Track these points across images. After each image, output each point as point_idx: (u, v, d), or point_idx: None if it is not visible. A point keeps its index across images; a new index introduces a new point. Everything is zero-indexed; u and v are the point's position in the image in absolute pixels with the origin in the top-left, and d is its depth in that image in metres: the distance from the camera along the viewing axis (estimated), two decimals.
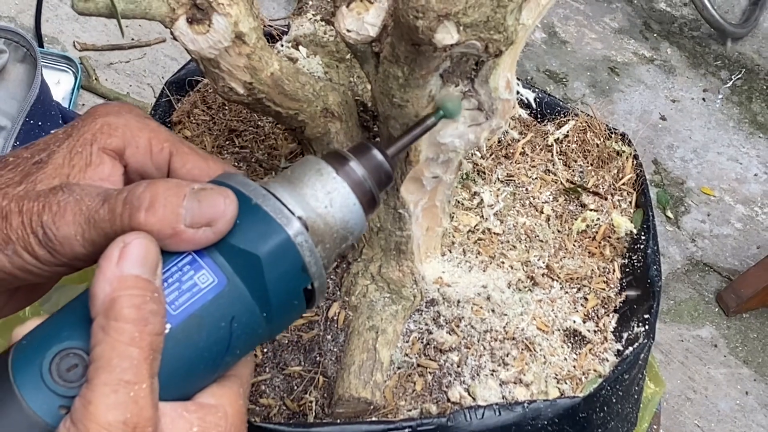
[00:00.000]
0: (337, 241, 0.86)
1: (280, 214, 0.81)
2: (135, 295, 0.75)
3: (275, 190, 0.84)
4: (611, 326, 1.29)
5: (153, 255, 0.77)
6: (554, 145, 1.46)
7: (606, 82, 3.77)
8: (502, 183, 1.40)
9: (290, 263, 0.81)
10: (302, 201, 0.84)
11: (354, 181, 0.86)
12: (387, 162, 0.90)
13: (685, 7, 4.16)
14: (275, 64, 1.04)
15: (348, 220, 0.86)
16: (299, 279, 0.82)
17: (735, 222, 3.39)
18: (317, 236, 0.84)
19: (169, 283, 0.78)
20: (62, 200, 0.82)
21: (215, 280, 0.78)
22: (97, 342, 0.74)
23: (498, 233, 1.35)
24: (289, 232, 0.81)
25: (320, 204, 0.84)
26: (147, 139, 0.92)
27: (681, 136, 3.62)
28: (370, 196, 0.88)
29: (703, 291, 3.19)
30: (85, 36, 3.42)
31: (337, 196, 0.85)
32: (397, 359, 1.21)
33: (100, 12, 0.96)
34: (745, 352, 3.07)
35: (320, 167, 0.86)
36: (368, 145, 0.90)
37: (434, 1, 0.85)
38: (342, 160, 0.87)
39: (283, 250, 0.80)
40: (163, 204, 0.78)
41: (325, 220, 0.84)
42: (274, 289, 0.80)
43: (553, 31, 3.93)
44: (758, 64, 3.98)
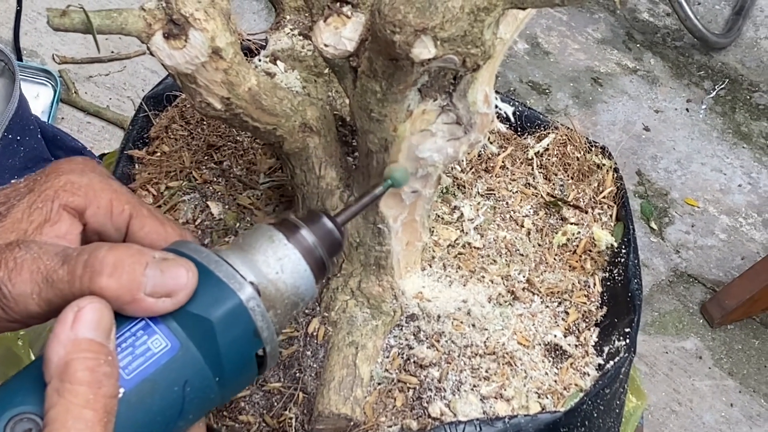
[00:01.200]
0: (288, 306, 0.87)
1: (233, 279, 0.83)
2: (89, 358, 0.75)
3: (227, 256, 0.85)
4: (592, 340, 1.29)
5: (107, 319, 0.77)
6: (534, 158, 1.45)
7: (589, 93, 3.77)
8: (482, 197, 1.40)
9: (243, 328, 0.82)
10: (254, 267, 0.85)
11: (305, 248, 0.89)
12: (337, 230, 0.92)
13: (668, 17, 4.16)
14: (253, 79, 1.04)
15: (299, 285, 0.88)
16: (251, 343, 0.83)
17: (719, 233, 3.39)
18: (269, 302, 0.85)
19: (123, 348, 0.79)
20: (19, 257, 0.81)
21: (168, 345, 0.79)
22: (52, 405, 0.74)
23: (478, 247, 1.34)
24: (242, 296, 0.82)
25: (271, 270, 0.86)
26: (108, 200, 0.93)
27: (665, 146, 3.62)
28: (320, 262, 0.90)
29: (688, 302, 3.19)
30: (65, 49, 3.41)
31: (288, 263, 0.87)
32: (378, 375, 1.21)
33: (75, 28, 0.96)
34: (730, 363, 3.07)
35: (272, 234, 0.88)
36: (319, 213, 0.93)
37: (411, 16, 0.85)
38: (293, 228, 0.90)
39: (236, 315, 0.82)
40: (126, 270, 0.79)
41: (276, 285, 0.86)
42: (227, 353, 0.81)
43: (536, 42, 3.93)
44: (741, 74, 3.99)
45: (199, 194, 1.34)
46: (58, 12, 0.94)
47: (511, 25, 1.00)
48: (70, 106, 3.24)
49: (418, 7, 0.84)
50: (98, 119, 3.26)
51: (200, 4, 0.96)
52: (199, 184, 1.35)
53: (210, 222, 1.31)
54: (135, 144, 1.39)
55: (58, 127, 2.94)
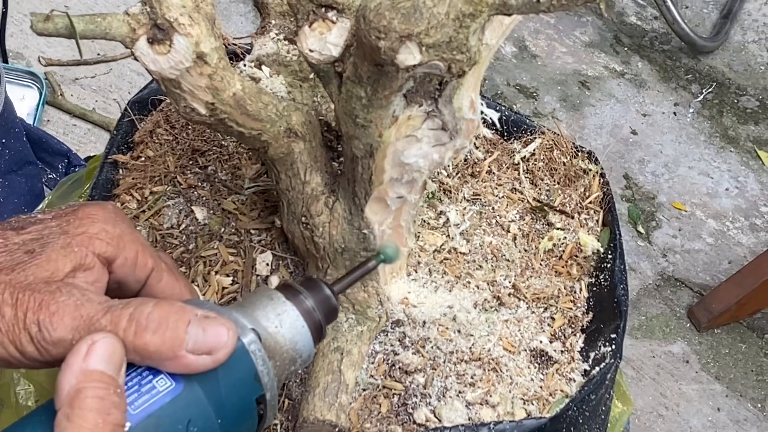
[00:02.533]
0: (287, 361, 0.90)
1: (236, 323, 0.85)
2: (99, 387, 0.76)
3: (227, 310, 0.88)
4: (578, 346, 1.28)
5: (119, 355, 0.79)
6: (521, 163, 1.45)
7: (577, 96, 3.77)
8: (469, 202, 1.39)
9: (245, 371, 0.85)
10: (254, 320, 0.88)
11: (304, 308, 0.92)
12: (334, 297, 0.96)
13: (655, 20, 4.17)
14: (237, 84, 1.04)
15: (297, 341, 0.91)
16: (252, 387, 0.86)
17: (706, 237, 3.40)
18: (269, 351, 0.88)
19: (129, 386, 0.81)
20: (61, 302, 0.82)
21: (172, 384, 0.81)
22: (62, 430, 0.75)
23: (464, 253, 1.34)
24: (244, 339, 0.85)
25: (271, 324, 0.89)
26: (135, 252, 0.95)
27: (652, 150, 3.63)
28: (318, 325, 0.93)
29: (675, 306, 3.19)
30: (51, 51, 3.40)
31: (287, 318, 0.90)
32: (363, 381, 1.20)
33: (59, 33, 0.95)
34: (717, 367, 3.07)
35: (271, 294, 0.92)
36: (317, 281, 0.96)
37: (396, 22, 0.84)
38: (293, 291, 0.93)
39: (238, 357, 0.84)
40: (170, 327, 0.81)
41: (275, 338, 0.89)
42: (229, 394, 0.83)
43: (524, 45, 3.93)
44: (729, 77, 4.00)
45: (183, 199, 1.33)
46: (42, 17, 0.94)
47: (497, 30, 1.00)
48: (55, 109, 3.24)
49: (403, 13, 0.84)
50: (84, 122, 3.26)
51: (184, 9, 0.95)
52: (184, 189, 1.34)
53: (194, 227, 1.31)
54: (119, 149, 1.39)
55: (43, 129, 2.93)
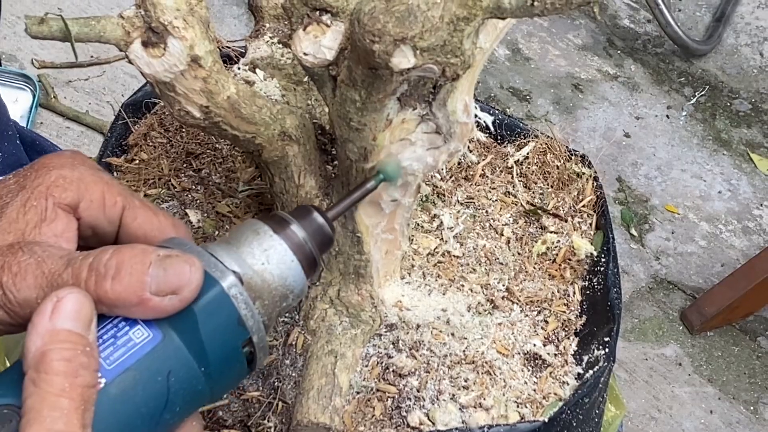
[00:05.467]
0: (277, 298, 0.87)
1: (214, 268, 0.83)
2: (66, 349, 0.75)
3: (212, 249, 0.85)
4: (572, 349, 1.28)
5: (87, 310, 0.77)
6: (514, 167, 1.45)
7: (570, 99, 3.77)
8: (462, 205, 1.40)
9: (225, 316, 0.82)
10: (238, 258, 0.85)
11: (294, 242, 0.88)
12: (328, 224, 0.92)
13: (648, 23, 4.17)
14: (232, 88, 1.04)
15: (286, 277, 0.87)
16: (236, 332, 0.83)
17: (699, 240, 3.40)
18: (254, 292, 0.84)
19: (104, 339, 0.79)
20: (23, 261, 0.81)
21: (150, 335, 0.79)
22: (28, 395, 0.74)
23: (458, 256, 1.34)
24: (223, 284, 0.82)
25: (257, 261, 0.86)
26: (101, 193, 0.92)
27: (645, 153, 3.63)
28: (311, 257, 0.90)
29: (668, 309, 3.19)
30: (44, 53, 3.40)
31: (274, 254, 0.87)
32: (357, 384, 1.20)
33: (54, 36, 0.95)
34: (710, 370, 3.07)
35: (257, 227, 0.88)
36: (309, 208, 0.93)
37: (390, 26, 0.84)
38: (282, 223, 0.89)
39: (218, 303, 0.81)
40: (129, 272, 0.79)
41: (262, 276, 0.86)
42: (211, 342, 0.80)
43: (517, 48, 3.93)
44: (722, 81, 4.00)
45: (177, 202, 1.33)
46: (37, 19, 0.94)
47: (491, 34, 1.00)
48: (49, 111, 3.23)
49: (398, 16, 0.84)
50: (77, 124, 3.25)
51: (179, 12, 0.95)
52: (178, 192, 1.34)
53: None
54: (113, 152, 1.39)
55: (36, 132, 2.93)
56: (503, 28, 1.02)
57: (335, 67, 1.03)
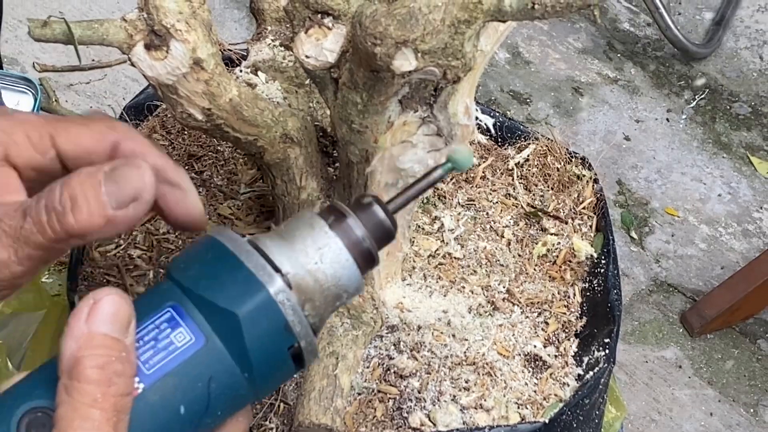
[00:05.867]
0: (330, 299, 0.82)
1: (262, 271, 0.79)
2: (100, 355, 0.72)
3: (264, 245, 0.81)
4: (572, 351, 1.28)
5: (125, 312, 0.74)
6: (515, 169, 1.45)
7: (570, 102, 3.77)
8: (463, 207, 1.40)
9: (271, 322, 0.78)
10: (291, 257, 0.81)
11: (350, 238, 0.83)
12: (388, 218, 0.86)
13: (648, 27, 4.17)
14: (234, 90, 1.04)
15: (340, 277, 0.82)
16: (282, 338, 0.79)
17: (699, 242, 3.40)
18: (306, 293, 0.80)
19: (145, 341, 0.76)
20: None
21: (192, 339, 0.76)
22: (60, 403, 0.71)
23: (458, 258, 1.34)
24: (270, 289, 0.78)
25: (310, 260, 0.81)
26: (23, 132, 0.86)
27: (645, 156, 3.63)
28: (367, 253, 0.84)
29: (668, 312, 3.19)
30: (45, 57, 3.40)
31: (328, 252, 0.82)
32: (358, 385, 1.21)
33: (57, 38, 0.95)
34: (710, 373, 3.07)
35: (313, 222, 0.83)
36: (370, 199, 0.86)
37: (392, 28, 0.85)
38: (340, 217, 0.84)
39: (264, 309, 0.78)
40: (85, 199, 0.76)
41: (315, 276, 0.81)
42: (255, 348, 0.77)
43: (517, 52, 3.94)
44: (722, 84, 4.00)
45: None
46: (40, 22, 0.94)
47: (491, 37, 1.01)
48: (50, 114, 3.23)
49: (399, 19, 0.85)
50: None
51: (181, 15, 0.96)
52: None
53: (190, 232, 1.31)
54: None
55: None
56: (504, 31, 1.02)
57: (337, 69, 1.03)
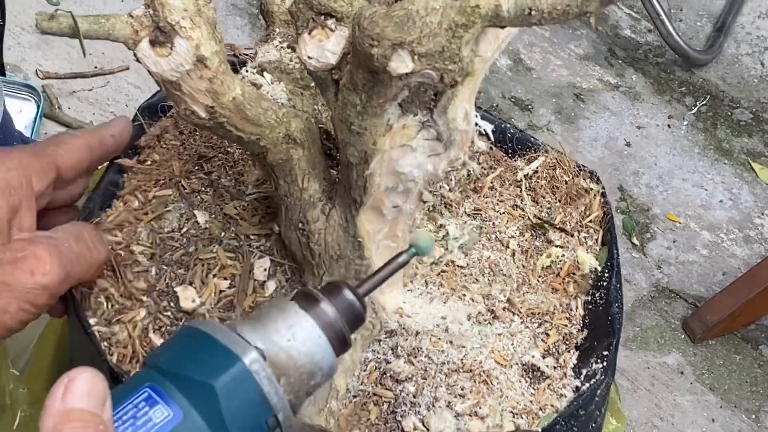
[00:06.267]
0: (304, 376, 0.84)
1: (236, 344, 0.81)
2: (78, 428, 0.73)
3: (236, 325, 0.84)
4: (571, 363, 1.28)
5: (100, 388, 0.76)
6: (523, 180, 1.45)
7: (571, 109, 3.78)
8: (469, 216, 1.40)
9: (247, 393, 0.80)
10: (263, 335, 0.83)
11: (321, 318, 0.86)
12: (358, 301, 0.90)
13: (649, 33, 4.18)
14: (237, 89, 1.05)
15: (314, 353, 0.85)
16: (259, 410, 0.81)
17: (700, 248, 3.40)
18: (279, 368, 0.82)
19: (123, 420, 0.77)
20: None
21: (171, 414, 0.77)
22: None
23: (462, 266, 1.34)
24: (245, 360, 0.80)
25: (282, 337, 0.84)
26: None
27: (646, 162, 3.63)
28: (340, 334, 0.87)
29: (669, 318, 3.19)
30: (48, 64, 3.40)
31: (300, 330, 0.85)
32: (354, 387, 1.20)
33: (63, 32, 0.97)
34: (712, 379, 3.07)
35: (284, 304, 0.86)
36: (339, 284, 0.90)
37: (389, 30, 0.85)
38: (310, 299, 0.87)
39: (239, 379, 0.80)
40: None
41: (288, 353, 0.83)
42: (233, 420, 0.79)
43: (518, 58, 3.94)
44: (723, 90, 4.01)
45: (186, 203, 1.33)
46: (47, 16, 0.95)
47: (492, 43, 1.00)
48: (53, 121, 3.23)
49: (396, 21, 0.85)
50: None
51: (186, 12, 0.96)
52: (187, 194, 1.34)
53: (195, 230, 1.31)
54: (126, 153, 1.39)
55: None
56: (505, 38, 1.02)
57: (338, 71, 1.03)
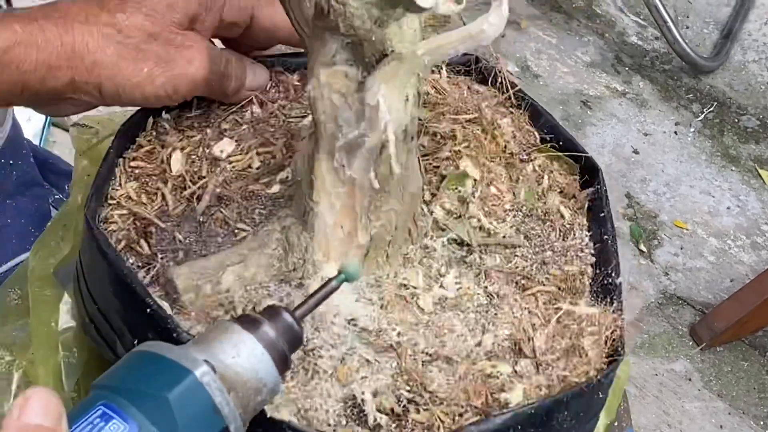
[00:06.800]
0: (250, 391, 0.88)
1: (185, 359, 0.84)
2: None
3: (182, 347, 0.86)
4: None
5: (55, 404, 0.76)
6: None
7: (579, 116, 3.79)
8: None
9: (200, 403, 0.82)
10: (210, 353, 0.86)
11: (263, 338, 0.90)
12: (296, 323, 0.93)
13: (656, 40, 4.18)
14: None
15: (258, 370, 0.88)
16: (212, 421, 0.83)
17: (708, 255, 3.41)
18: (227, 383, 0.85)
19: None
20: None
21: (126, 427, 0.79)
22: None
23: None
24: (195, 372, 0.82)
25: (227, 355, 0.87)
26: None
27: (654, 169, 3.64)
28: (282, 353, 0.90)
29: (677, 324, 3.20)
30: None
31: (244, 347, 0.88)
32: None
33: None
34: (719, 385, 3.08)
35: (226, 326, 0.89)
36: (277, 308, 0.93)
37: None
38: (252, 321, 0.90)
39: (191, 391, 0.82)
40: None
41: (234, 369, 0.86)
42: (187, 431, 0.81)
43: (526, 65, 3.95)
44: (729, 97, 4.01)
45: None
46: None
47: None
48: (61, 129, 3.24)
49: None
50: None
51: None
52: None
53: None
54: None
55: (50, 150, 2.94)
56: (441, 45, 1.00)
57: None
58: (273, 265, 1.18)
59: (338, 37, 0.99)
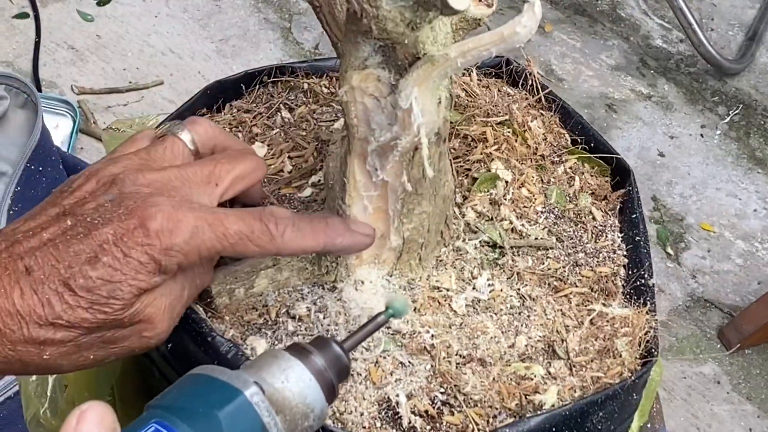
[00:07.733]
0: (298, 416, 0.89)
1: (237, 380, 0.86)
2: None
3: (236, 371, 0.89)
4: None
5: (109, 419, 0.79)
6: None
7: (604, 119, 3.78)
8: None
9: (249, 422, 0.84)
10: (259, 377, 0.88)
11: (312, 366, 0.92)
12: (344, 355, 0.95)
13: (681, 43, 4.18)
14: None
15: (306, 395, 0.90)
16: None
17: (735, 258, 3.40)
18: (276, 406, 0.88)
19: None
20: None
21: None
22: None
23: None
24: (246, 392, 0.85)
25: (276, 380, 0.89)
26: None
27: (680, 172, 3.63)
28: (330, 383, 0.92)
29: (705, 327, 3.19)
30: (83, 80, 3.44)
31: (293, 373, 0.90)
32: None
33: None
34: (748, 388, 3.07)
35: (276, 353, 0.92)
36: (326, 339, 0.95)
37: None
38: (301, 350, 0.93)
39: (242, 410, 0.84)
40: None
41: (282, 394, 0.88)
42: None
43: (550, 69, 3.94)
44: (755, 99, 4.00)
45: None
46: None
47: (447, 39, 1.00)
48: (89, 136, 3.26)
49: None
50: None
51: None
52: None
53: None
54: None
55: (77, 156, 2.96)
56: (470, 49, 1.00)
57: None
58: (306, 268, 1.19)
59: (370, 40, 0.99)
